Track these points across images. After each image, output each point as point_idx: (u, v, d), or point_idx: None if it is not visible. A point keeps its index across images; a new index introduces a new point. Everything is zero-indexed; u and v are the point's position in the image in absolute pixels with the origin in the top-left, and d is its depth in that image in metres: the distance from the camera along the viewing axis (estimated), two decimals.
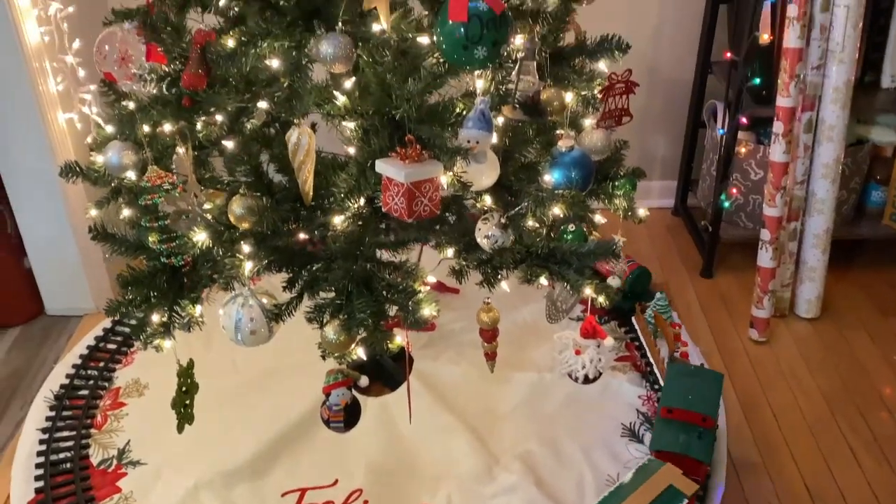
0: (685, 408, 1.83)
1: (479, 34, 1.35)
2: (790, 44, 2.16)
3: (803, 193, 2.35)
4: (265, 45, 1.40)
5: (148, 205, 1.55)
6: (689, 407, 1.83)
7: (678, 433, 1.80)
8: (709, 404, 1.84)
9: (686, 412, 1.82)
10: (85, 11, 2.29)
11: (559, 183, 1.65)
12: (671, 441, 1.80)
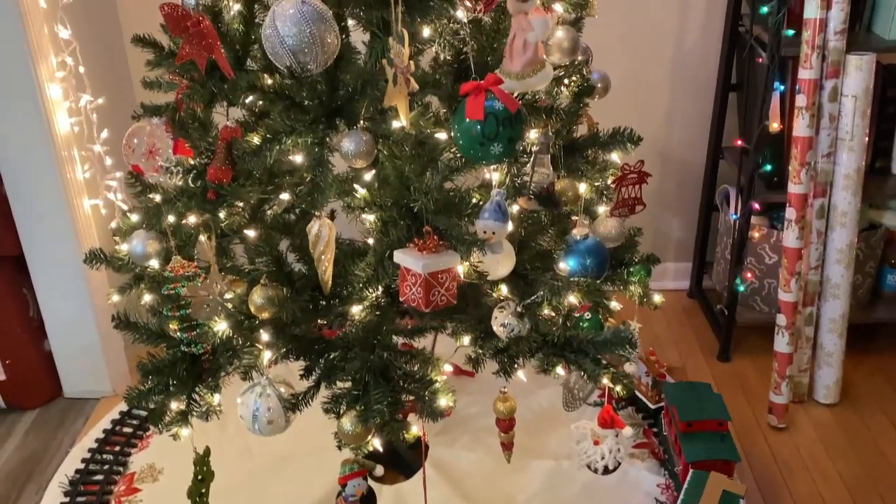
0: (702, 419, 2.03)
1: (496, 131, 1.39)
2: (800, 132, 2.20)
3: (818, 278, 2.36)
4: (289, 141, 1.45)
5: (170, 294, 1.58)
6: (704, 417, 2.03)
7: (704, 442, 2.00)
8: (718, 410, 2.06)
9: (703, 422, 2.03)
10: (114, 103, 2.37)
11: (574, 271, 1.67)
12: (703, 451, 1.98)
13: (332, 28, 1.41)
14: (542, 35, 1.52)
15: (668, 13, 2.66)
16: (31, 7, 2.07)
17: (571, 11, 1.69)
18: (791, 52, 2.23)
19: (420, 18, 1.47)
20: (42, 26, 2.12)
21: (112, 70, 2.50)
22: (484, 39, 1.59)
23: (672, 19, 2.67)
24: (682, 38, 2.70)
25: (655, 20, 2.67)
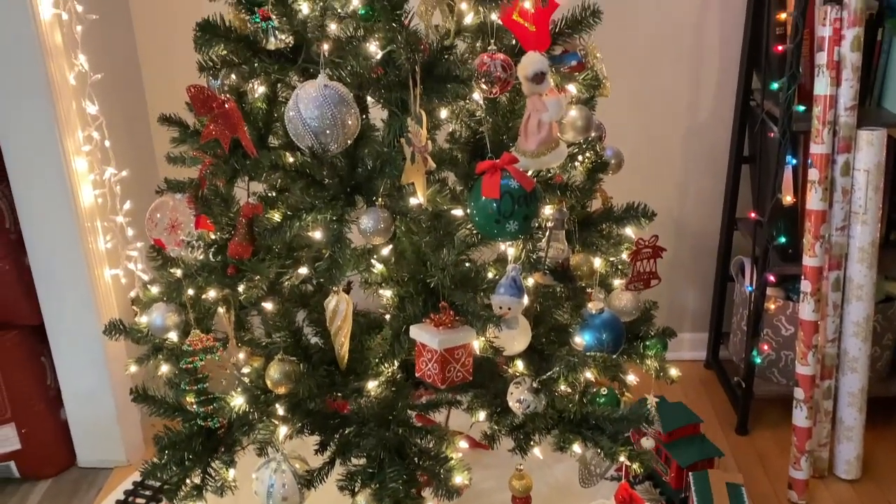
0: (679, 426, 2.22)
1: (511, 210, 1.42)
2: (813, 206, 2.22)
3: (835, 351, 2.34)
4: (308, 218, 1.48)
5: (188, 368, 1.59)
6: (681, 424, 2.23)
7: (690, 446, 2.20)
8: (689, 416, 2.27)
9: (681, 429, 2.22)
10: (137, 175, 2.43)
11: (590, 345, 1.68)
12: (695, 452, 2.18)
13: (353, 110, 1.46)
14: (557, 116, 1.56)
15: (680, 87, 2.71)
16: (60, 84, 2.14)
17: (585, 92, 1.73)
18: (802, 126, 2.26)
19: (438, 100, 1.51)
20: (71, 102, 2.18)
21: (136, 143, 2.57)
22: (499, 118, 1.63)
23: (684, 93, 2.72)
24: (694, 111, 2.74)
25: (668, 94, 2.71)
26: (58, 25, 2.11)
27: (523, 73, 1.54)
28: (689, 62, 2.68)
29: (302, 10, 1.53)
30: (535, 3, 1.52)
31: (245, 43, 1.54)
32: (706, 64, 2.68)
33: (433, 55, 1.54)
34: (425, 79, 1.49)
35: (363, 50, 1.52)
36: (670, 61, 2.67)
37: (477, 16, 1.55)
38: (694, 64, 2.68)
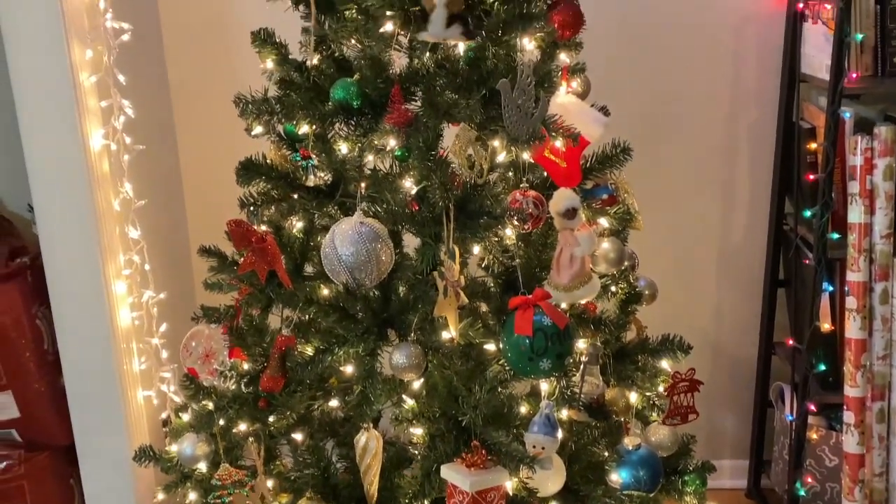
0: None
1: (545, 347, 1.41)
2: (852, 334, 2.18)
3: (883, 486, 2.25)
4: (341, 352, 1.48)
5: (217, 502, 1.57)
6: None
7: None
8: None
9: None
10: (174, 298, 2.46)
11: (627, 483, 1.63)
12: None
13: (388, 246, 1.48)
14: (589, 250, 1.57)
15: (712, 211, 2.72)
16: (105, 210, 2.21)
17: (617, 224, 1.74)
18: (837, 254, 2.25)
19: (471, 235, 1.53)
20: (114, 227, 2.25)
21: (175, 267, 2.62)
22: (532, 252, 1.64)
23: (716, 217, 2.73)
24: (727, 234, 2.74)
25: (700, 218, 2.72)
26: (106, 155, 2.19)
27: (555, 208, 1.56)
28: (721, 186, 2.70)
29: (341, 150, 1.58)
30: (566, 140, 1.56)
31: (285, 180, 1.59)
32: (737, 188, 2.70)
33: (466, 191, 1.57)
34: (459, 214, 1.52)
35: (399, 185, 1.56)
36: (701, 185, 2.70)
37: (509, 154, 1.59)
38: (725, 188, 2.70)
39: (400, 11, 1.48)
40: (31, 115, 2.12)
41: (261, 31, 1.67)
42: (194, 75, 2.60)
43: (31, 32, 2.05)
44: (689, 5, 2.53)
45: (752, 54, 2.57)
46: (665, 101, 2.61)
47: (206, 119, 2.59)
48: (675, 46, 2.57)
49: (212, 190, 2.63)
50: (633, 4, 2.52)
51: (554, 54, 1.70)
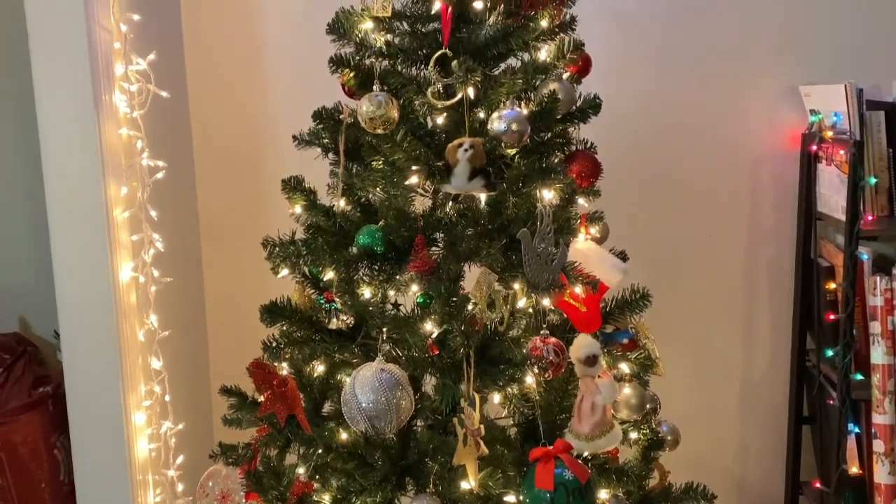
0: None
1: (566, 502, 1.39)
2: (881, 479, 2.12)
3: None
4: (358, 502, 1.47)
5: None
6: None
7: None
8: None
9: None
10: (192, 428, 2.45)
11: None
12: None
13: (408, 393, 1.49)
14: (610, 398, 1.57)
15: (733, 347, 2.71)
16: (130, 340, 2.23)
17: (638, 370, 1.74)
18: (862, 395, 2.22)
19: (492, 382, 1.54)
20: (137, 357, 2.27)
21: (195, 398, 2.63)
22: (552, 398, 1.64)
23: (738, 353, 2.71)
24: (749, 371, 2.72)
25: (721, 354, 2.71)
26: (134, 287, 2.24)
27: (575, 355, 1.57)
28: (741, 323, 2.70)
29: (364, 294, 1.61)
30: (586, 287, 1.58)
31: (308, 322, 1.62)
32: (758, 324, 2.69)
33: (487, 336, 1.59)
34: (479, 360, 1.53)
35: (419, 329, 1.58)
36: (722, 322, 2.69)
37: (529, 300, 1.61)
38: (746, 324, 2.70)
39: (425, 165, 1.54)
40: (64, 247, 2.18)
41: (291, 179, 1.74)
42: (224, 211, 2.68)
43: (69, 169, 2.14)
44: (704, 147, 2.60)
45: (768, 193, 2.62)
46: (683, 239, 2.65)
47: (233, 254, 2.65)
48: (692, 187, 2.62)
49: (235, 323, 2.67)
50: (649, 148, 2.59)
51: (573, 201, 1.75)
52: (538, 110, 1.63)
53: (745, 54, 2.55)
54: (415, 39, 1.72)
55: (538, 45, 1.70)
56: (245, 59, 2.60)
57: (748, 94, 2.57)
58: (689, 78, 2.57)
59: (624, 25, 2.54)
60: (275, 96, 2.60)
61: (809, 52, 2.54)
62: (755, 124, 2.58)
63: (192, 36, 2.59)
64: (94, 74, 2.09)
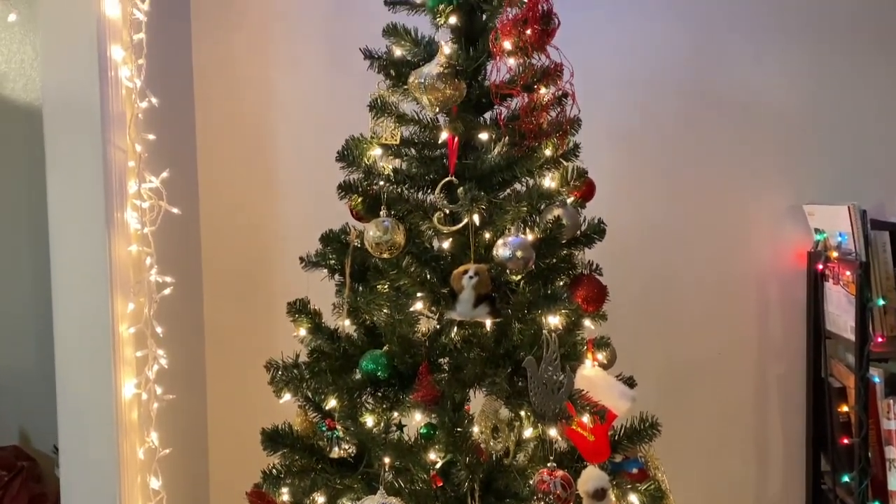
0: None
1: None
2: None
3: None
4: None
5: None
6: None
7: None
8: None
9: None
10: None
11: None
12: None
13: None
14: None
15: (746, 468, 2.65)
16: (129, 457, 2.19)
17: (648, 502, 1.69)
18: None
19: None
20: (136, 476, 2.22)
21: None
22: None
23: (751, 474, 2.65)
24: (762, 492, 2.65)
25: (733, 476, 2.65)
26: (136, 404, 2.22)
27: (583, 488, 1.53)
28: (753, 443, 2.65)
29: (367, 422, 1.58)
30: (594, 416, 1.56)
31: (309, 451, 1.59)
32: (770, 444, 2.64)
33: (492, 467, 1.55)
34: (484, 494, 1.49)
35: (423, 459, 1.55)
36: (733, 442, 2.64)
37: (536, 430, 1.58)
38: (758, 444, 2.64)
39: (430, 292, 1.54)
40: (68, 361, 2.17)
41: (297, 302, 1.75)
42: (230, 328, 2.68)
43: (78, 284, 2.15)
44: (710, 265, 2.61)
45: (776, 310, 2.61)
46: (692, 359, 2.63)
47: (238, 372, 2.63)
48: (699, 306, 2.62)
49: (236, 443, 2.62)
50: (655, 267, 2.61)
51: (579, 325, 1.74)
52: (543, 237, 1.65)
53: (748, 173, 2.59)
54: (422, 165, 1.75)
55: (542, 173, 1.73)
56: (256, 177, 2.65)
57: (753, 212, 2.59)
58: (693, 197, 2.60)
59: (628, 146, 2.59)
60: (284, 216, 2.65)
61: (812, 172, 2.58)
62: (761, 242, 2.60)
63: (206, 154, 2.65)
64: (108, 192, 2.13)
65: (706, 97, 2.58)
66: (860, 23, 2.55)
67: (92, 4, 2.08)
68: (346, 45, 2.47)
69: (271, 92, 2.63)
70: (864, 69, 2.55)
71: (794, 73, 2.57)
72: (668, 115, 2.58)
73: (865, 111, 2.56)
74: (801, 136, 2.58)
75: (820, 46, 2.56)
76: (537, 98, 1.70)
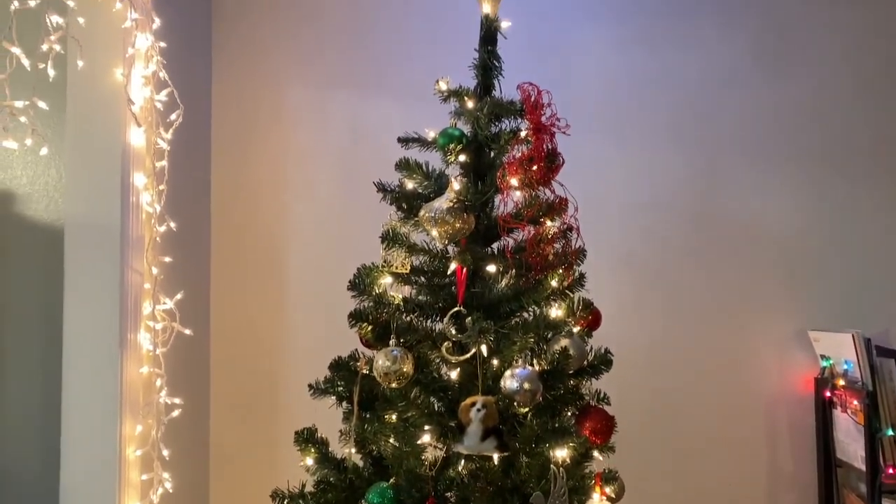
0: None
1: None
2: None
3: None
4: None
5: None
6: None
7: None
8: None
9: None
10: None
11: None
12: None
13: None
14: None
15: None
16: None
17: None
18: None
19: None
20: None
21: None
22: None
23: None
24: None
25: None
26: None
27: None
28: None
29: None
30: None
31: None
32: None
33: None
34: None
35: None
36: None
37: None
38: None
39: (437, 425, 1.55)
40: (73, 483, 2.16)
41: (304, 431, 1.75)
42: (236, 450, 2.67)
43: (88, 406, 2.16)
44: (718, 391, 2.62)
45: (785, 438, 2.59)
46: (702, 490, 2.59)
47: (241, 497, 2.60)
48: (708, 434, 2.61)
49: None
50: (662, 394, 2.61)
51: (588, 457, 1.74)
52: (550, 368, 1.67)
53: (753, 297, 2.63)
54: (431, 293, 1.79)
55: (549, 303, 1.76)
56: (268, 300, 2.70)
57: (759, 337, 2.61)
58: (698, 321, 2.63)
59: (634, 271, 2.64)
60: (294, 339, 2.68)
61: (816, 297, 2.61)
62: (767, 368, 2.60)
63: (220, 275, 2.71)
64: (123, 315, 2.17)
65: (710, 222, 2.65)
66: (861, 151, 2.63)
67: (118, 134, 2.18)
68: (359, 174, 2.58)
69: (286, 216, 2.71)
70: (865, 196, 2.63)
71: (797, 199, 2.64)
72: (673, 240, 2.64)
73: (867, 237, 2.62)
74: (805, 261, 2.62)
75: (821, 173, 2.63)
76: (543, 231, 1.75)
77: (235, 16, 2.79)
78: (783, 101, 2.65)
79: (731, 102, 2.66)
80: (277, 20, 2.77)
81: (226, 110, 2.76)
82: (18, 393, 2.82)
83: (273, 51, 2.76)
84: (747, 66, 2.67)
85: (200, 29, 2.73)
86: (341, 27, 2.75)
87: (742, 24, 2.68)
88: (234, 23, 2.79)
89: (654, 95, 2.67)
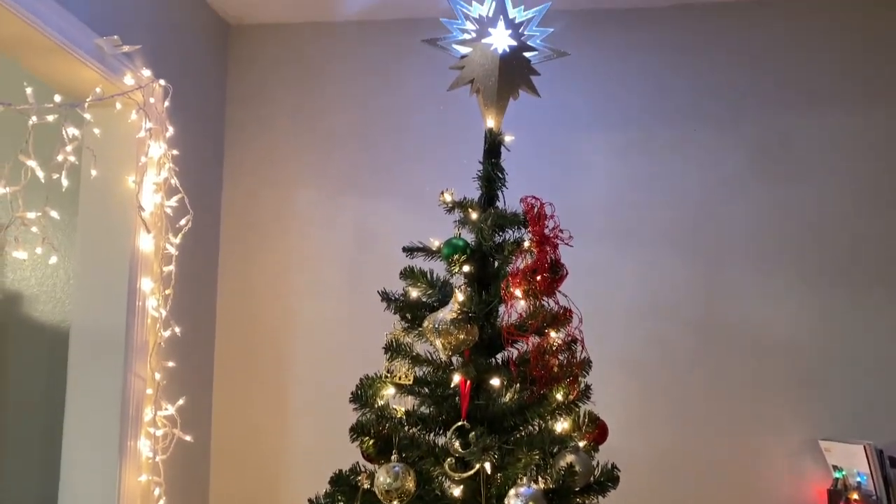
0: None
1: None
2: None
3: None
4: None
5: None
6: None
7: None
8: None
9: None
10: None
11: None
12: None
13: None
14: None
15: None
16: None
17: None
18: None
19: None
20: None
21: None
22: None
23: None
24: None
25: None
26: None
27: None
28: None
29: None
30: None
31: None
32: None
33: None
34: None
35: None
36: None
37: None
38: None
39: None
40: None
41: None
42: None
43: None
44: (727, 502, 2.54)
45: None
46: None
47: None
48: None
49: None
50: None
51: None
52: (556, 487, 1.63)
53: (761, 406, 2.58)
54: (434, 404, 1.77)
55: (554, 417, 1.74)
56: (271, 406, 2.68)
57: (769, 447, 2.56)
58: (707, 430, 2.58)
59: (641, 378, 2.61)
60: (295, 447, 2.65)
61: (826, 406, 2.56)
62: (778, 478, 2.54)
63: (223, 380, 2.70)
64: (123, 422, 2.15)
65: (717, 330, 2.62)
66: (868, 258, 2.60)
67: (127, 239, 2.20)
68: (364, 279, 2.59)
69: (290, 321, 2.71)
70: (874, 305, 2.59)
71: (804, 306, 2.61)
72: (680, 348, 2.62)
73: (877, 346, 2.58)
74: (814, 370, 2.58)
75: (828, 281, 2.60)
76: (547, 343, 1.74)
77: (247, 122, 2.86)
78: (785, 207, 2.66)
79: (735, 209, 2.68)
80: (287, 127, 2.84)
81: (234, 216, 2.80)
82: (18, 491, 2.77)
83: (282, 157, 2.82)
84: (748, 172, 2.69)
85: (213, 135, 2.80)
86: (349, 134, 2.81)
87: (742, 132, 2.72)
88: (246, 128, 2.86)
89: (656, 201, 2.69)
